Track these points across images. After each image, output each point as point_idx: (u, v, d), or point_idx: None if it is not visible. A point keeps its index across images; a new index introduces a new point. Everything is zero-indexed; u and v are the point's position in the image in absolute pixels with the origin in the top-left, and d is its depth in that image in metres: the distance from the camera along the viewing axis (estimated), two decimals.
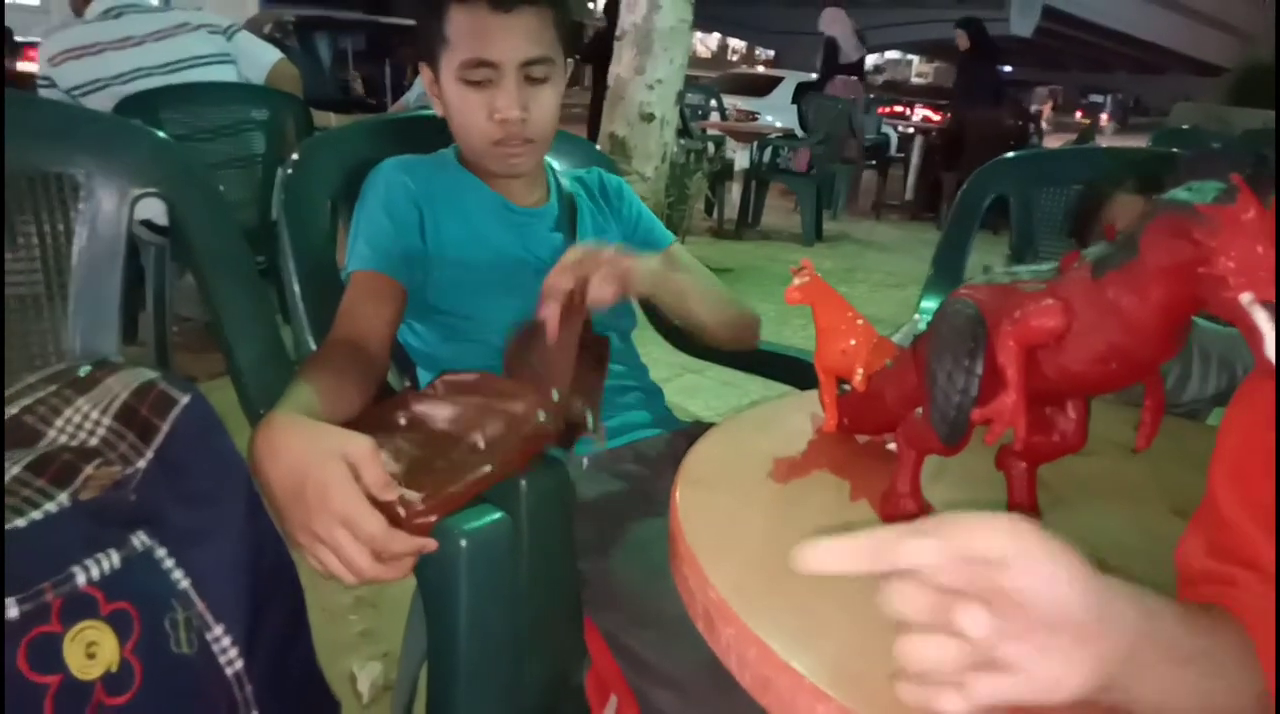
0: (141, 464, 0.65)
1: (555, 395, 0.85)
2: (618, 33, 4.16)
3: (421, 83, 1.15)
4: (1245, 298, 0.39)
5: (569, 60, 1.11)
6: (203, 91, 2.47)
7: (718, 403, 2.77)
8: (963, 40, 6.96)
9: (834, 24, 7.18)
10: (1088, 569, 0.38)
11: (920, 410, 0.64)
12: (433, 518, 0.74)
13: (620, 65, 4.14)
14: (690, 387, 2.84)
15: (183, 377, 0.71)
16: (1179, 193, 0.44)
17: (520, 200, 1.15)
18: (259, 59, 2.65)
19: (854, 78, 7.22)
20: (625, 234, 1.21)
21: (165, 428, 0.66)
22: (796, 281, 0.82)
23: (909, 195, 7.66)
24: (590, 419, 0.89)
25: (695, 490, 0.73)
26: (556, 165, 1.24)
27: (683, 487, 0.73)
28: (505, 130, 1.05)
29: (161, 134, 0.99)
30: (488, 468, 0.79)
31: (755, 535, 0.67)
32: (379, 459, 0.72)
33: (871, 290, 4.61)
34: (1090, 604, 0.38)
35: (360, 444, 0.71)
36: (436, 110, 1.12)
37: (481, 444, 0.81)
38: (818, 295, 0.82)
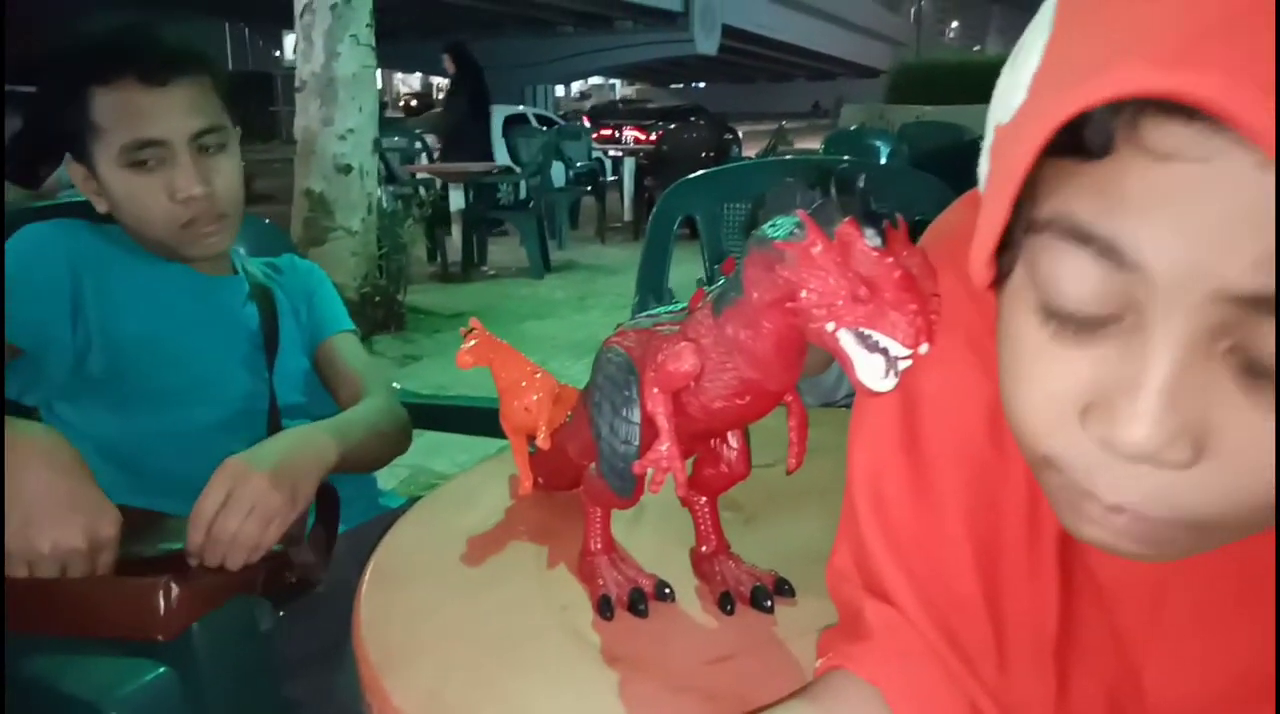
0: None
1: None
2: (297, 84, 3.96)
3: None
4: (829, 327, 0.40)
5: (236, 128, 1.04)
6: None
7: (464, 457, 2.67)
8: (449, 64, 6.86)
9: None
10: None
11: (594, 465, 0.62)
12: None
13: (306, 117, 3.94)
14: (431, 445, 2.71)
15: None
16: (765, 229, 0.45)
17: (204, 270, 1.05)
18: None
19: None
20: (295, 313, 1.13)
21: None
22: (467, 344, 0.78)
23: (628, 216, 7.94)
24: (318, 575, 0.87)
25: (382, 589, 0.67)
26: (241, 250, 1.15)
27: (369, 586, 0.67)
28: (192, 210, 0.97)
29: None
30: None
31: (448, 635, 0.61)
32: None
33: (605, 314, 4.69)
34: None
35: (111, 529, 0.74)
36: (99, 208, 1.00)
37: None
38: (492, 354, 0.79)
